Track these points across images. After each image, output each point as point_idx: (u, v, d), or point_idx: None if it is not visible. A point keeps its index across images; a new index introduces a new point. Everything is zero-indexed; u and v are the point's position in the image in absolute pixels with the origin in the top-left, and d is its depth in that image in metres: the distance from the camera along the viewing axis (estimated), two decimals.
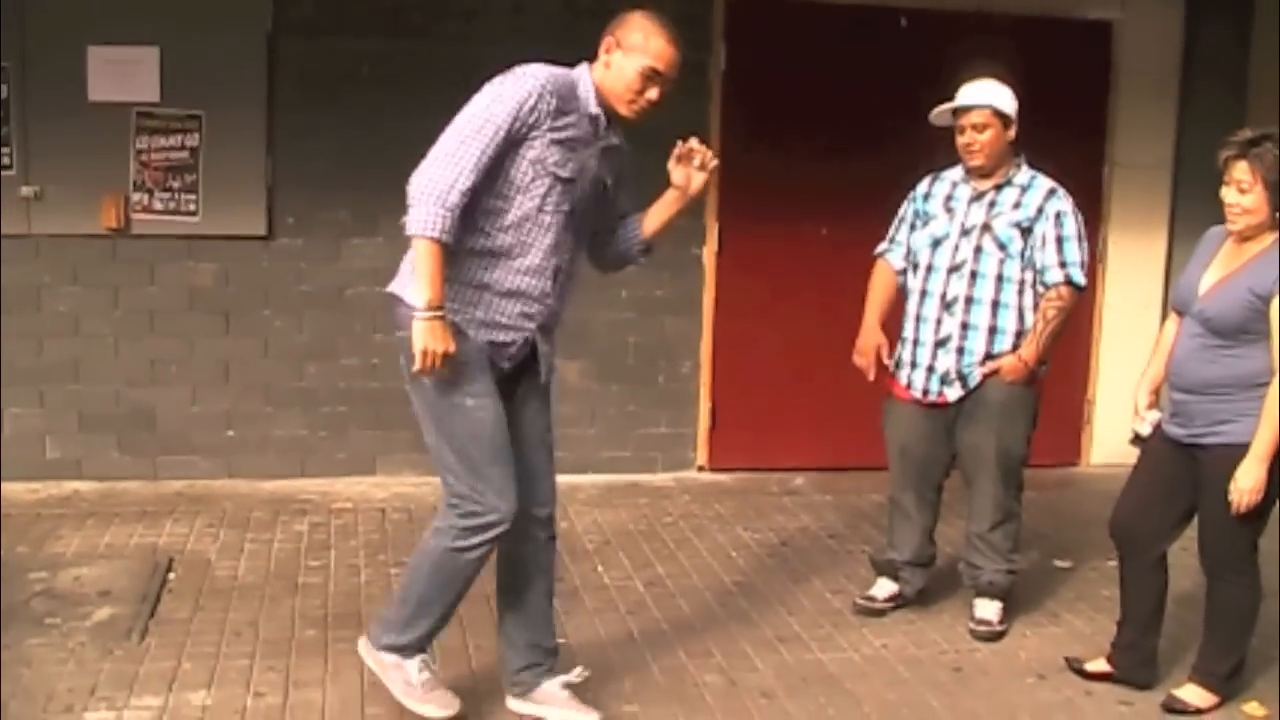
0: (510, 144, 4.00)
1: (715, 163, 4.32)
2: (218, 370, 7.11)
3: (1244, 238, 4.46)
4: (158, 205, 6.91)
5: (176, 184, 6.90)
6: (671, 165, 4.30)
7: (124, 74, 6.78)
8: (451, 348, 3.95)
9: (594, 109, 4.12)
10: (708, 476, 7.51)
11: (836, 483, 7.31)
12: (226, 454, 7.16)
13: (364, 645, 4.43)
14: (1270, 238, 4.41)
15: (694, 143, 4.29)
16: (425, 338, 3.92)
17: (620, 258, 4.49)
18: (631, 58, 4.06)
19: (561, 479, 7.00)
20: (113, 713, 4.48)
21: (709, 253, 7.40)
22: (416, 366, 3.95)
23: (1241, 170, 4.37)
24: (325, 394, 7.17)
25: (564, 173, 4.07)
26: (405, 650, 4.32)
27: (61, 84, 6.69)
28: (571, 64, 4.16)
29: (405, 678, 4.31)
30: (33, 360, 6.94)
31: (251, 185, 6.93)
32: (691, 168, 4.29)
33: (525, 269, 4.11)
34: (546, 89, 4.01)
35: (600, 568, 5.99)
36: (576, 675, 4.51)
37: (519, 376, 4.29)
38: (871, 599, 5.57)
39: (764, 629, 5.36)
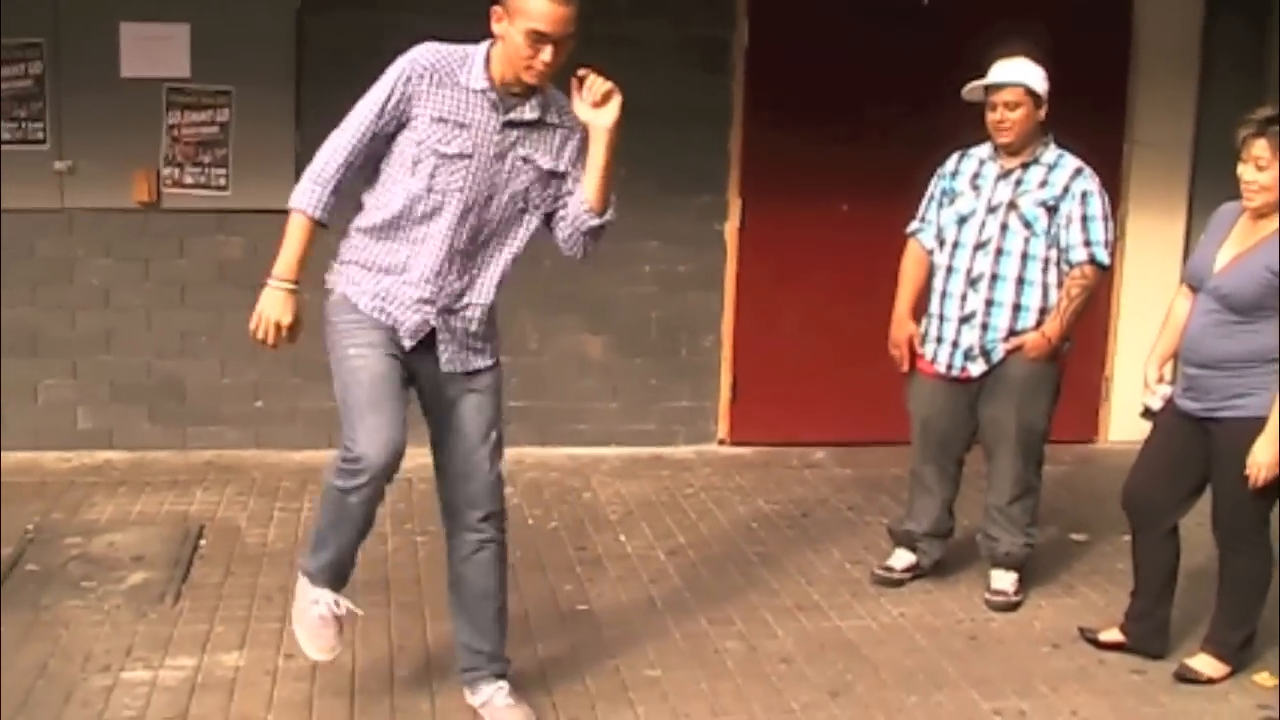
0: (394, 125, 4.03)
1: (604, 88, 4.03)
2: (247, 342, 7.04)
3: (1259, 215, 4.52)
4: (188, 179, 7.01)
5: (207, 159, 7.00)
6: (575, 103, 4.08)
7: (155, 50, 6.87)
8: (287, 319, 4.05)
9: (479, 84, 4.01)
10: (729, 450, 7.59)
11: (856, 457, 7.37)
12: (255, 425, 7.28)
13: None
14: None
15: (582, 72, 4.06)
16: (265, 303, 4.05)
17: (578, 233, 4.22)
18: (516, 23, 3.91)
19: (584, 451, 7.25)
20: (149, 672, 4.61)
21: (731, 229, 7.47)
22: (251, 328, 4.06)
23: (1260, 147, 4.43)
24: None
25: (448, 149, 4.01)
26: (312, 578, 4.30)
27: (94, 60, 6.80)
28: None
29: (305, 601, 4.29)
30: (65, 332, 7.06)
31: (281, 159, 6.99)
32: (591, 102, 4.05)
33: (417, 249, 4.08)
34: (416, 67, 4.01)
35: (623, 537, 6.09)
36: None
37: (446, 375, 4.22)
38: (889, 569, 5.66)
39: (784, 597, 5.46)
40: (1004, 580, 5.49)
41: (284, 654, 4.78)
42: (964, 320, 5.36)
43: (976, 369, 5.37)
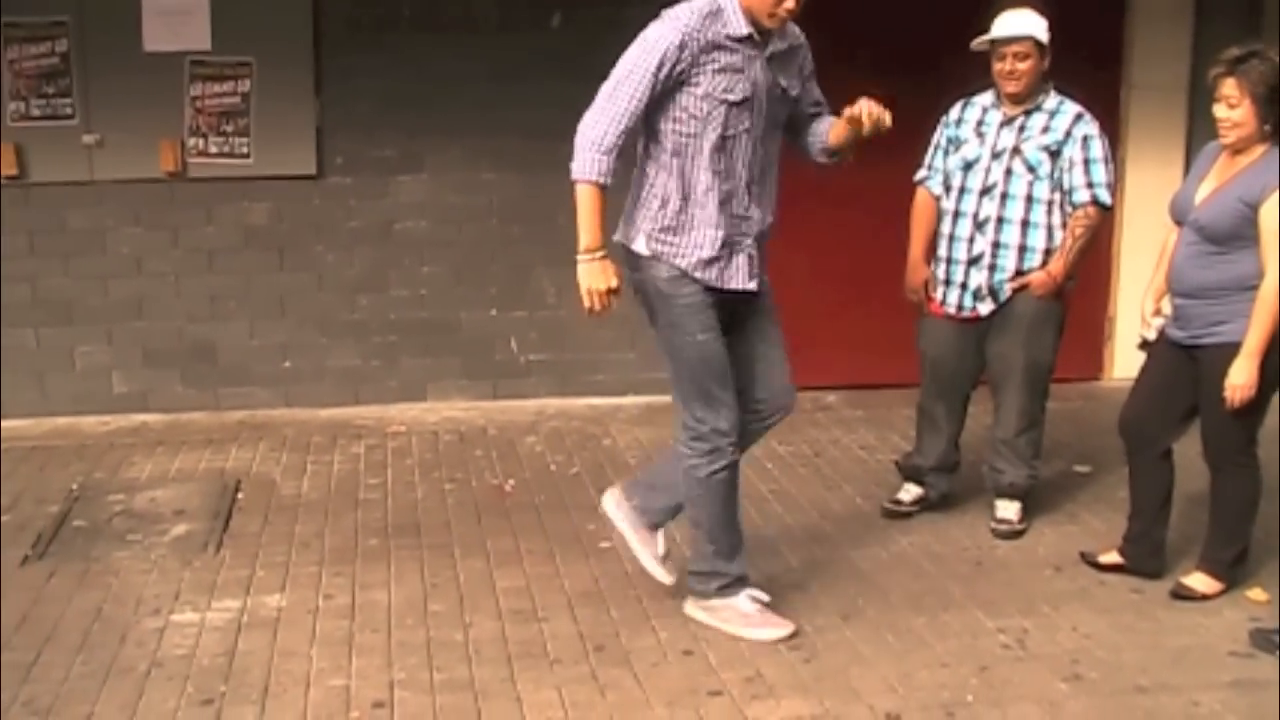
0: (672, 86, 4.36)
1: (875, 119, 4.65)
2: (274, 304, 7.44)
3: (1236, 151, 4.74)
4: (212, 149, 7.22)
5: (229, 128, 7.20)
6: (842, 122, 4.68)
7: (177, 24, 7.07)
8: (614, 283, 4.32)
9: (744, 30, 4.41)
10: None
11: (867, 399, 7.56)
12: (284, 384, 7.49)
13: (690, 606, 4.79)
14: (1260, 149, 4.70)
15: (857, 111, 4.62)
16: (587, 278, 4.31)
17: (810, 153, 4.86)
18: None
19: (603, 400, 7.49)
20: (197, 614, 4.88)
21: None
22: (586, 305, 4.32)
23: (1229, 86, 4.66)
24: (376, 325, 7.48)
25: (734, 96, 4.41)
26: (725, 585, 4.74)
27: (118, 36, 7.00)
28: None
29: (738, 611, 4.71)
30: (99, 300, 7.30)
31: (301, 127, 7.22)
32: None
33: (726, 193, 4.49)
34: (689, 34, 4.34)
35: None
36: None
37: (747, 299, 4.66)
38: (898, 502, 5.88)
39: (797, 531, 5.69)
40: (1008, 509, 5.71)
41: (323, 595, 5.05)
42: (972, 262, 5.55)
43: (985, 309, 5.57)
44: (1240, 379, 4.67)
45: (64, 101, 7.06)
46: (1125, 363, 7.89)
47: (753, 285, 4.61)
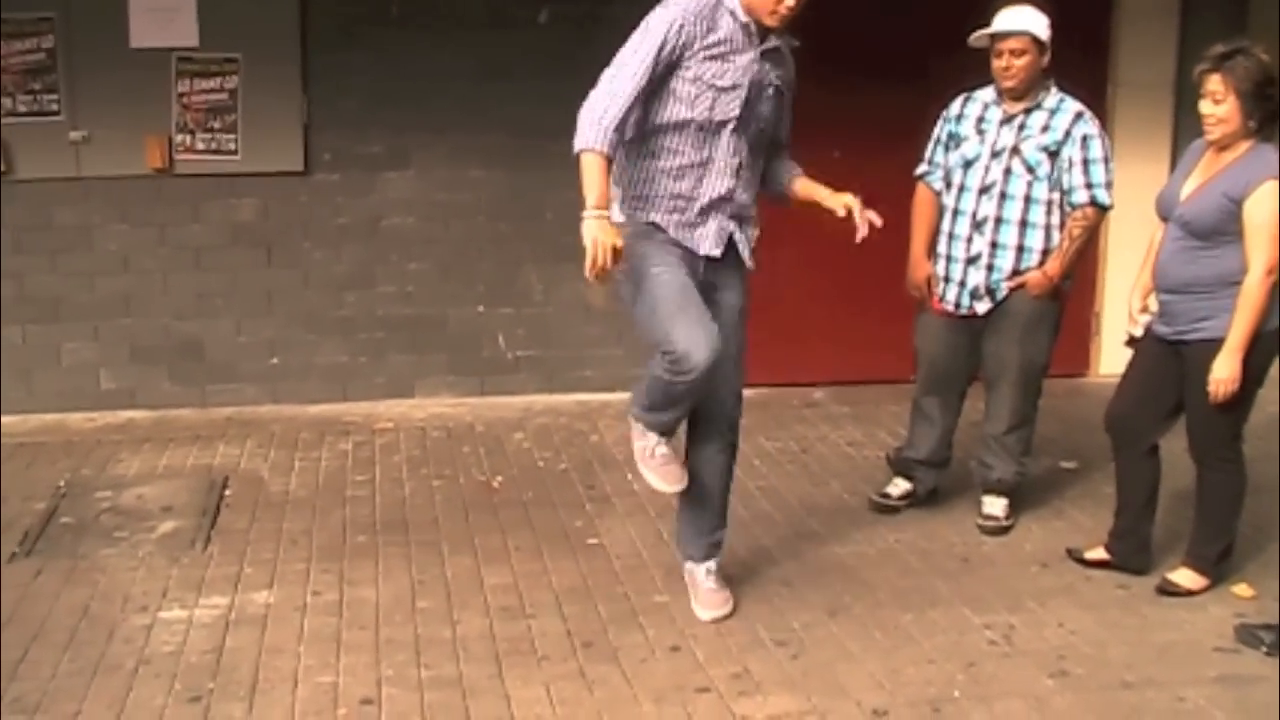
0: (667, 69, 4.40)
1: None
2: (261, 301, 7.43)
3: (1221, 147, 4.76)
4: (200, 145, 7.21)
5: (217, 124, 7.19)
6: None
7: (164, 20, 7.05)
8: (618, 241, 4.26)
9: (743, 18, 4.47)
10: None
11: (854, 395, 7.55)
12: (272, 380, 7.48)
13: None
14: (1245, 146, 4.72)
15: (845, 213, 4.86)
16: (594, 232, 4.22)
17: (772, 189, 4.97)
18: None
19: (591, 396, 7.48)
20: (185, 611, 4.88)
21: None
22: (587, 262, 4.21)
23: (1215, 82, 4.67)
24: (364, 321, 7.48)
25: (723, 82, 4.47)
26: (647, 426, 4.76)
27: (104, 32, 6.98)
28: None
29: (645, 446, 4.79)
30: (86, 296, 7.28)
31: (288, 124, 7.21)
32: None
33: (713, 173, 4.57)
34: (688, 15, 4.40)
35: (630, 476, 6.24)
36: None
37: (720, 270, 4.72)
38: (886, 496, 5.89)
39: (784, 527, 5.70)
40: (995, 506, 5.73)
41: (311, 591, 5.05)
42: (970, 261, 5.55)
43: (982, 307, 5.58)
44: (1224, 374, 4.69)
45: (50, 98, 7.05)
46: (1111, 359, 7.91)
47: (716, 252, 4.66)
